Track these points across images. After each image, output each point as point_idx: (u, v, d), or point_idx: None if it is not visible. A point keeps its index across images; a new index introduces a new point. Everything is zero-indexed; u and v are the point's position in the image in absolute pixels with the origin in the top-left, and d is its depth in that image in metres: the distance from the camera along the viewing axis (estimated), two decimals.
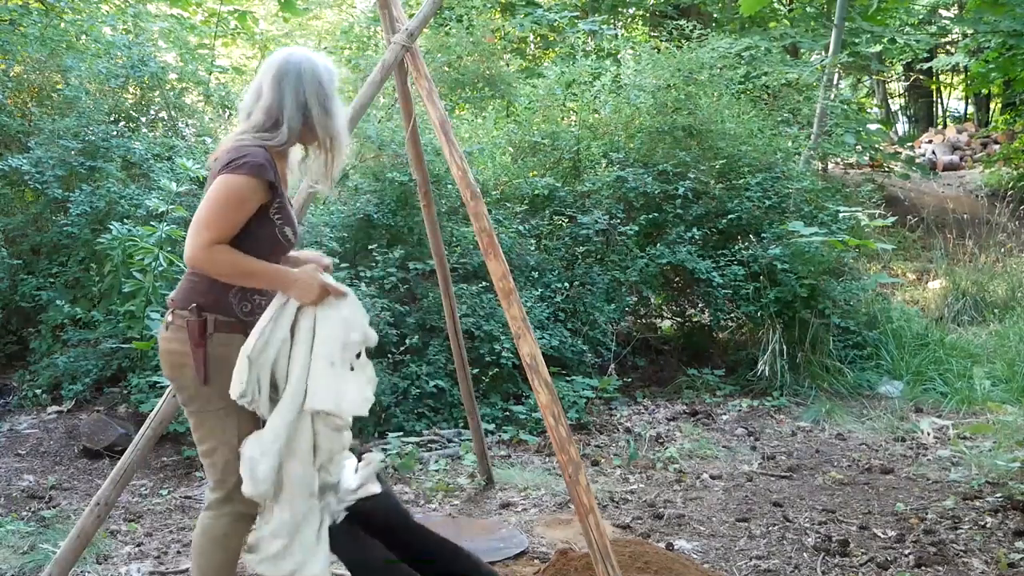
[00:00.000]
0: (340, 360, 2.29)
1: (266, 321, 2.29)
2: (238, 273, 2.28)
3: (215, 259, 2.24)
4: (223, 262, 2.25)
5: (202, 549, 2.38)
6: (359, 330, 2.34)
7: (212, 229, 2.22)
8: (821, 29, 11.69)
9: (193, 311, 2.30)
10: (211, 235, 2.22)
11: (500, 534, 3.61)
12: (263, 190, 2.28)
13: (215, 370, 2.31)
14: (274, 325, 2.29)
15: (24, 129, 6.05)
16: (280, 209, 2.35)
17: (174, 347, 2.34)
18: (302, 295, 2.31)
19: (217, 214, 2.24)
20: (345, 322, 2.32)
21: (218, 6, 7.98)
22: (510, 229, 5.91)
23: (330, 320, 2.30)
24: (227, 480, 2.34)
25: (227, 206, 2.24)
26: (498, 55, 9.04)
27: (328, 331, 2.30)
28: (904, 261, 10.24)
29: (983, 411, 5.61)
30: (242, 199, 2.25)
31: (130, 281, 4.68)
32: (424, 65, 3.25)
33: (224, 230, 2.24)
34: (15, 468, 4.45)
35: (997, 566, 3.25)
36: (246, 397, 2.28)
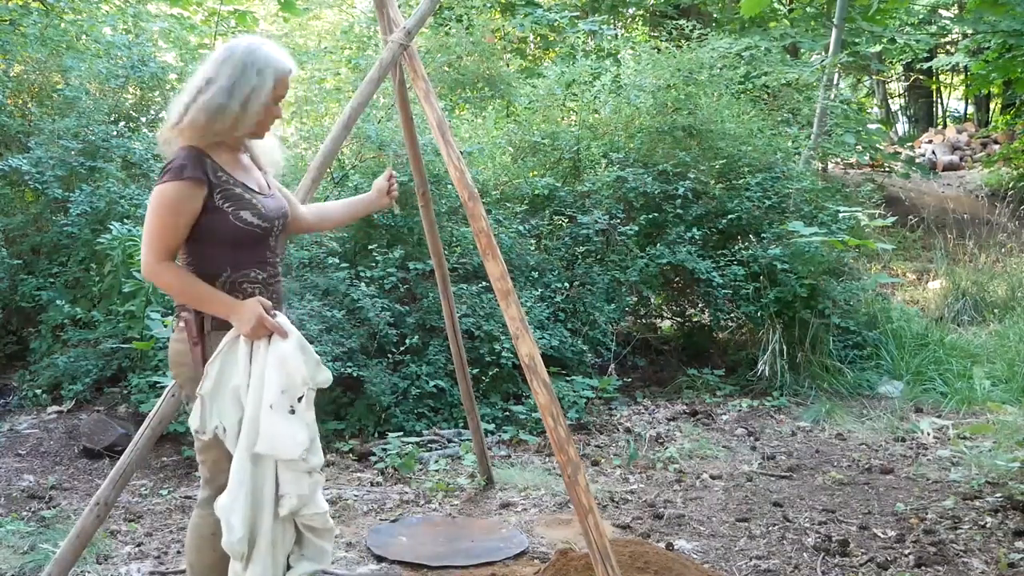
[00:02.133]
0: (278, 403, 2.24)
1: (215, 358, 2.28)
2: (180, 294, 2.28)
3: (160, 278, 2.26)
4: (167, 283, 2.27)
5: (193, 547, 2.41)
6: (301, 373, 2.28)
7: (152, 246, 2.24)
8: (821, 29, 11.69)
9: (191, 309, 2.32)
10: (153, 253, 2.23)
11: (500, 534, 3.61)
12: (192, 188, 2.23)
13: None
14: (222, 362, 2.27)
15: (24, 129, 6.05)
16: (227, 196, 2.28)
17: (177, 347, 2.38)
18: (240, 325, 2.27)
19: (153, 229, 2.24)
20: (285, 364, 2.27)
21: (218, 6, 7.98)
22: (510, 229, 5.91)
23: (272, 362, 2.27)
24: (216, 479, 2.35)
25: (160, 218, 2.23)
26: (498, 55, 9.04)
27: (268, 373, 2.26)
28: (904, 261, 10.24)
29: (983, 411, 5.61)
30: (171, 206, 2.23)
31: (130, 281, 4.68)
32: (421, 65, 3.25)
33: (165, 242, 2.24)
34: (15, 468, 4.45)
35: (997, 566, 3.25)
36: (206, 434, 2.28)
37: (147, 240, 2.25)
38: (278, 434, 2.23)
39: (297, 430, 2.25)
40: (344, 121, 3.13)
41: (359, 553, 3.45)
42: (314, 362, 2.34)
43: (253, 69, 2.29)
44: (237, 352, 2.28)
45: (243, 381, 2.26)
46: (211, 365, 2.27)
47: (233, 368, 2.27)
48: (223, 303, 2.28)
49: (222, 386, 2.27)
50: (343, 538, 3.59)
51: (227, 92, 2.26)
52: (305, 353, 2.32)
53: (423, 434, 4.93)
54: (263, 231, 2.36)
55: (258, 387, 2.26)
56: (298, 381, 2.27)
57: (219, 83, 2.27)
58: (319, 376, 2.34)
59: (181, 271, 2.27)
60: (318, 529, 2.39)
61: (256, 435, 2.25)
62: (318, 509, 2.36)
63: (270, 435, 2.23)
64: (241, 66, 2.28)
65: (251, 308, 2.26)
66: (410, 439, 4.73)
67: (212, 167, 2.29)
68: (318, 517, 2.36)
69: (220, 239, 2.29)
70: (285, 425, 2.24)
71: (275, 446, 2.24)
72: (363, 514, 3.90)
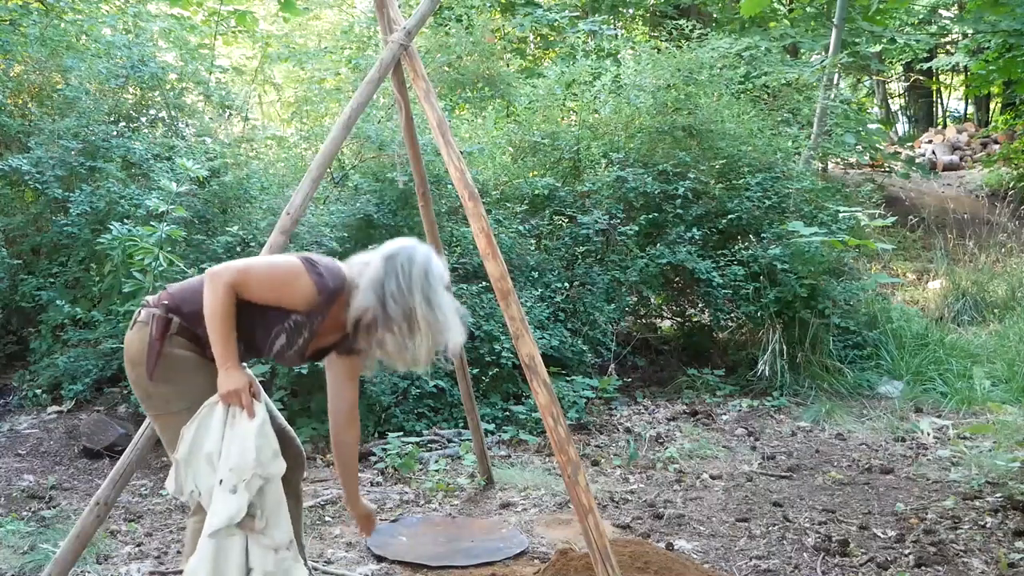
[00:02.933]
0: (227, 479, 2.27)
1: (193, 424, 2.32)
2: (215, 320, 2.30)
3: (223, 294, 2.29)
4: (221, 302, 2.29)
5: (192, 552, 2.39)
6: (252, 458, 2.28)
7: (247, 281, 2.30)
8: (821, 29, 11.68)
9: (163, 308, 2.33)
10: (243, 282, 2.30)
11: (500, 534, 3.61)
12: (308, 302, 2.33)
13: (165, 368, 2.34)
14: (198, 427, 2.31)
15: (24, 129, 6.04)
16: (296, 327, 2.37)
17: (138, 346, 2.38)
18: (222, 383, 2.31)
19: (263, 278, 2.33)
20: (242, 443, 2.29)
21: (218, 6, 7.97)
22: (510, 229, 5.91)
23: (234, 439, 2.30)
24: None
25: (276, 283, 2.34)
26: (498, 55, 9.03)
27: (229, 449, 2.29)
28: (904, 261, 10.24)
29: (983, 411, 5.61)
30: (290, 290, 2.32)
31: (130, 281, 4.68)
32: (421, 65, 3.26)
33: (252, 291, 2.32)
34: (15, 468, 4.45)
35: (997, 566, 3.25)
36: (183, 496, 2.33)
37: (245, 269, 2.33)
38: (216, 509, 2.26)
39: (224, 509, 2.26)
40: (344, 121, 3.14)
41: (359, 553, 3.45)
42: (271, 451, 2.34)
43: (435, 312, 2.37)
44: (212, 419, 2.31)
45: (216, 449, 2.30)
46: (187, 429, 2.32)
47: (207, 435, 2.31)
48: (229, 353, 2.31)
49: (197, 451, 2.31)
50: (343, 538, 3.60)
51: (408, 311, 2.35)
52: (264, 439, 2.33)
53: (423, 434, 4.93)
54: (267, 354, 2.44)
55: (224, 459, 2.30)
56: (247, 463, 2.28)
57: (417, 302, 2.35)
58: (271, 467, 2.33)
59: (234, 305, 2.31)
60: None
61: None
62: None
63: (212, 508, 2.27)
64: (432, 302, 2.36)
65: (240, 378, 2.32)
66: (410, 439, 4.73)
67: (327, 309, 2.37)
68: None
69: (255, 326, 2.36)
70: (223, 501, 2.26)
71: (211, 520, 2.26)
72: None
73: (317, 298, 2.34)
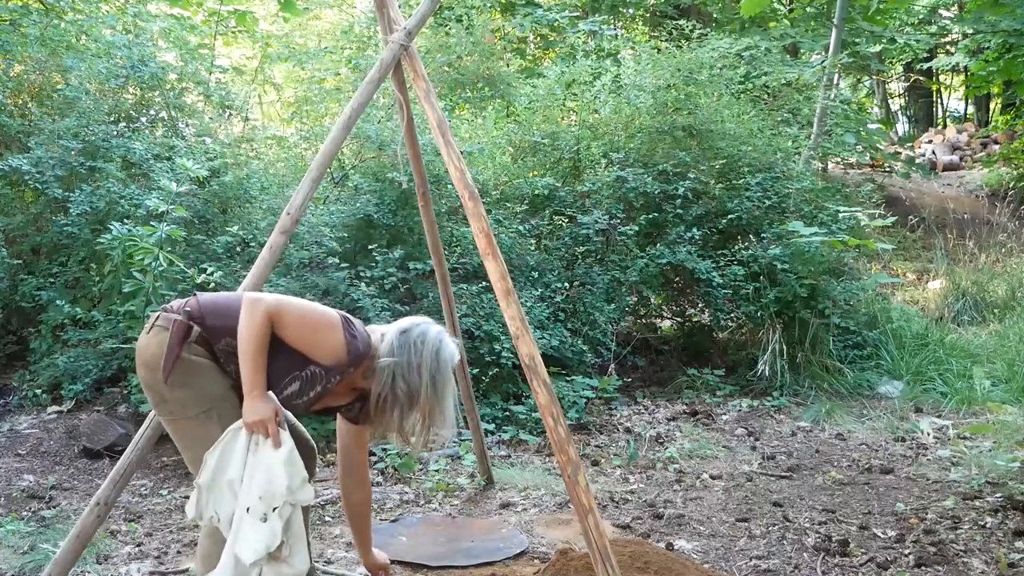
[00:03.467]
0: (254, 507, 2.27)
1: (216, 450, 2.32)
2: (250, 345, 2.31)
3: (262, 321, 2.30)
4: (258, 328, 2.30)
5: (208, 553, 2.41)
6: (283, 486, 2.30)
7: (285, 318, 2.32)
8: (821, 29, 11.69)
9: (185, 314, 2.32)
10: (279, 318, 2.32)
11: (500, 534, 3.61)
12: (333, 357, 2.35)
13: (182, 372, 2.34)
14: (221, 453, 2.32)
15: (24, 129, 6.04)
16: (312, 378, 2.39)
17: (154, 350, 2.37)
18: (247, 412, 2.32)
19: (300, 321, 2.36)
20: (269, 471, 2.30)
21: (218, 6, 7.97)
22: (510, 229, 5.91)
23: (259, 466, 2.31)
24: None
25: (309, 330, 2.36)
26: (498, 55, 9.03)
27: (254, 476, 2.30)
28: (904, 261, 10.25)
29: (983, 411, 5.61)
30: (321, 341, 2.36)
31: (130, 281, 4.68)
32: (422, 65, 3.26)
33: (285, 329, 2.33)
34: (15, 468, 4.45)
35: (997, 566, 3.25)
36: (202, 521, 2.33)
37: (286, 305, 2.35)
38: (244, 538, 2.27)
39: (260, 538, 2.27)
40: (344, 121, 3.13)
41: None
42: (300, 479, 2.36)
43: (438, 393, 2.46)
44: (236, 445, 2.32)
45: (238, 475, 2.30)
46: (210, 455, 2.32)
47: (230, 461, 2.31)
48: (258, 381, 2.33)
49: (219, 477, 2.31)
50: (343, 538, 3.59)
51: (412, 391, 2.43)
52: (292, 467, 2.34)
53: None
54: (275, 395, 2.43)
55: (247, 487, 2.30)
56: (277, 492, 2.29)
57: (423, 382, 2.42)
58: (300, 494, 2.35)
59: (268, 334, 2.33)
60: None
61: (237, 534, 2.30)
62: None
63: (239, 537, 2.27)
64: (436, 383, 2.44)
65: (267, 406, 2.33)
66: None
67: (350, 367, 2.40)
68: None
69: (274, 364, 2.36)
70: (252, 531, 2.27)
71: (240, 549, 2.27)
72: None
73: (345, 357, 2.36)
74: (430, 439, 2.49)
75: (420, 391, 2.39)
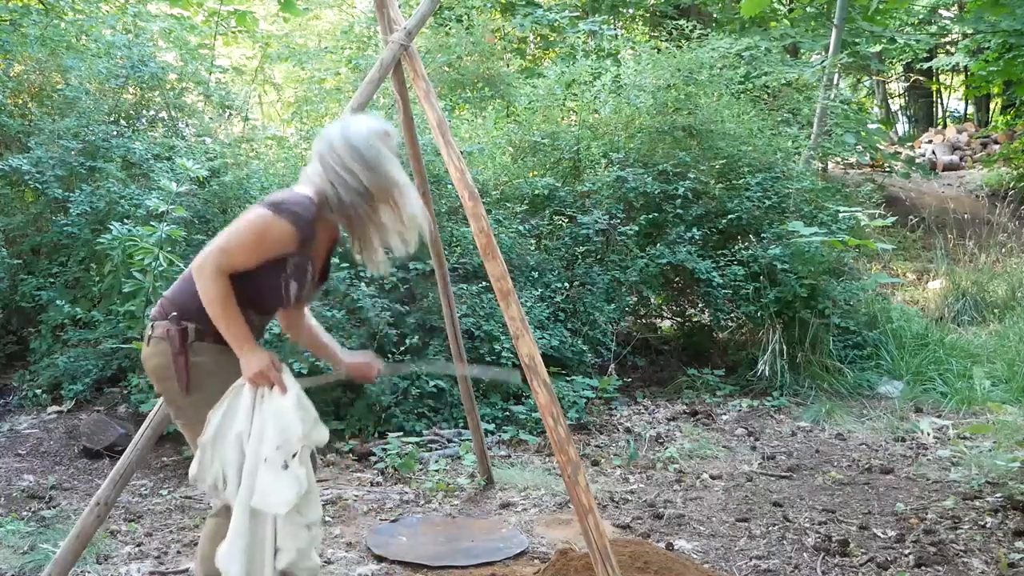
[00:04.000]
0: (272, 458, 2.26)
1: (220, 408, 2.29)
2: (215, 305, 2.28)
3: (213, 283, 2.26)
4: (215, 291, 2.26)
5: (208, 554, 2.39)
6: (298, 430, 2.29)
7: (230, 256, 2.26)
8: (821, 29, 11.69)
9: (174, 319, 2.32)
10: (227, 261, 2.26)
11: (500, 534, 3.61)
12: (293, 241, 2.29)
13: (198, 377, 2.33)
14: (224, 414, 2.29)
15: (24, 129, 6.05)
16: (297, 264, 2.34)
17: (158, 361, 2.36)
18: (245, 368, 2.29)
19: (242, 245, 2.28)
20: (281, 419, 2.28)
21: (218, 6, 7.98)
22: (510, 229, 5.91)
23: (268, 416, 2.29)
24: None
25: (255, 241, 2.28)
26: (498, 55, 9.04)
27: (266, 427, 2.28)
28: (904, 261, 10.24)
29: (983, 411, 5.61)
30: (267, 240, 2.28)
31: (130, 281, 4.68)
32: (422, 65, 3.26)
33: (240, 261, 2.28)
34: (15, 468, 4.45)
35: (997, 566, 3.25)
36: (207, 482, 2.29)
37: (222, 246, 2.27)
38: (269, 490, 2.25)
39: (287, 487, 2.26)
40: None
41: (359, 553, 3.45)
42: (312, 419, 2.35)
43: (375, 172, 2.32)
44: (240, 402, 2.30)
45: (245, 428, 2.28)
46: (213, 413, 2.29)
47: (235, 416, 2.29)
48: (242, 335, 2.29)
49: (224, 433, 2.28)
50: (343, 538, 3.59)
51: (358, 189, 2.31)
52: (303, 410, 2.33)
53: (423, 434, 4.93)
54: (286, 304, 2.42)
55: (258, 439, 2.27)
56: (293, 438, 2.28)
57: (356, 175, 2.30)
58: (315, 435, 2.34)
59: (229, 287, 2.28)
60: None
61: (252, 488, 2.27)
62: (311, 563, 2.36)
63: (262, 490, 2.25)
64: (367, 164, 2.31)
65: (261, 356, 2.29)
66: (410, 439, 4.73)
67: (310, 238, 2.33)
68: (308, 571, 2.36)
69: (258, 285, 2.33)
70: (276, 481, 2.26)
71: (266, 501, 2.26)
72: (363, 514, 3.90)
73: (299, 234, 2.28)
74: (415, 220, 2.38)
75: (363, 183, 2.29)
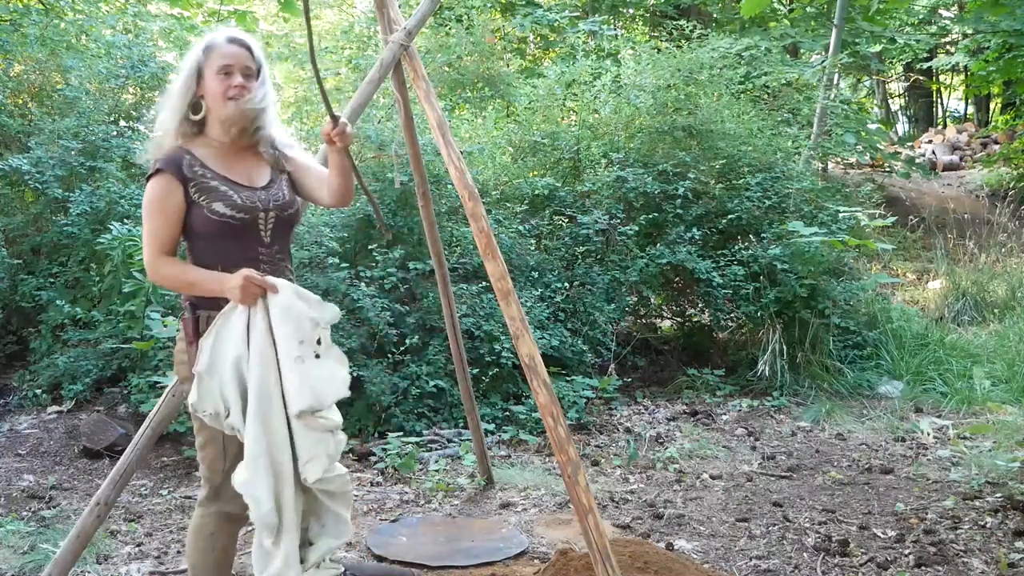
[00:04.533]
0: (300, 355, 2.20)
1: (209, 337, 2.23)
2: (180, 284, 2.30)
3: (161, 274, 2.28)
4: (166, 276, 2.29)
5: (196, 547, 2.39)
6: (309, 317, 2.23)
7: (149, 245, 2.28)
8: (821, 29, 11.69)
9: (188, 309, 2.32)
10: (150, 251, 2.27)
11: (500, 534, 3.61)
12: (170, 180, 2.26)
13: None
14: (216, 337, 2.22)
15: (24, 129, 6.05)
16: (200, 189, 2.28)
17: (178, 346, 2.41)
18: (232, 295, 2.24)
19: (145, 229, 2.29)
20: (289, 314, 2.22)
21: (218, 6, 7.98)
22: (510, 229, 5.91)
23: (277, 318, 2.22)
24: (214, 477, 2.35)
25: (149, 216, 2.28)
26: (498, 55, 9.04)
27: (278, 331, 2.21)
28: (904, 261, 10.25)
29: (983, 411, 5.61)
30: (155, 201, 2.27)
31: (130, 281, 4.68)
32: (422, 66, 3.25)
33: (159, 238, 2.27)
34: (15, 468, 4.45)
35: (997, 566, 3.25)
36: (207, 411, 2.23)
37: (145, 241, 2.30)
38: (318, 381, 2.19)
39: (334, 370, 2.22)
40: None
41: (359, 553, 3.45)
42: (316, 302, 2.28)
43: (190, 57, 2.37)
44: (231, 323, 2.22)
45: (243, 352, 2.20)
46: (204, 340, 2.22)
47: (229, 341, 2.21)
48: (215, 279, 2.26)
49: (220, 360, 2.21)
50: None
51: (175, 86, 2.37)
52: (304, 298, 2.27)
53: (423, 434, 4.93)
54: (240, 222, 2.30)
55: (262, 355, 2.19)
56: (308, 326, 2.22)
57: (172, 83, 2.40)
58: (326, 314, 2.27)
59: (176, 262, 2.29)
60: (335, 494, 2.31)
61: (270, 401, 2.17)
62: (339, 471, 2.28)
63: (310, 387, 2.18)
64: (184, 62, 2.39)
65: (235, 275, 2.23)
66: (410, 439, 4.73)
67: (189, 162, 2.30)
68: (338, 480, 2.28)
69: (202, 234, 2.30)
70: (320, 371, 2.20)
71: (320, 395, 2.19)
72: (363, 514, 3.90)
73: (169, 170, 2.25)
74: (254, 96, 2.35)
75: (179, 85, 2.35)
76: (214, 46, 2.35)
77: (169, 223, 2.27)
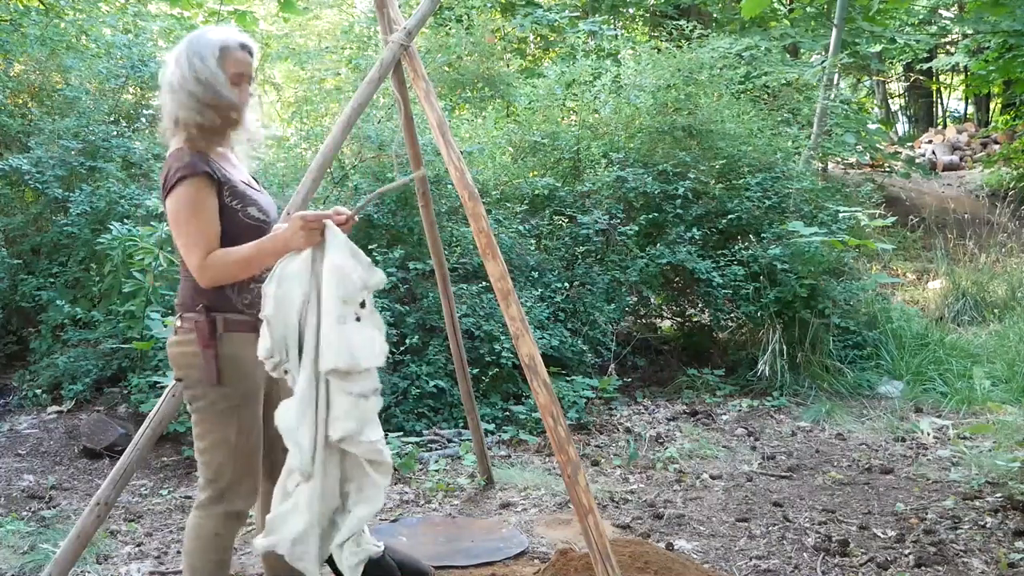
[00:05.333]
0: (342, 314, 2.17)
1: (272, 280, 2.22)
2: (238, 269, 2.26)
3: (215, 269, 2.24)
4: (220, 269, 2.25)
5: (196, 549, 2.36)
6: (355, 279, 2.21)
7: (197, 246, 2.23)
8: (821, 29, 11.70)
9: (201, 311, 2.29)
10: (200, 252, 2.23)
11: (500, 534, 3.61)
12: (209, 181, 2.25)
13: (228, 369, 2.29)
14: (279, 279, 2.21)
15: (24, 129, 6.05)
16: (233, 193, 2.30)
17: (184, 349, 2.34)
18: (298, 243, 2.22)
19: (192, 230, 2.24)
20: (337, 273, 2.20)
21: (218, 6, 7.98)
22: (510, 229, 5.91)
23: (327, 272, 2.20)
24: (220, 480, 2.33)
25: (194, 215, 2.24)
26: (498, 55, 9.04)
27: (326, 288, 2.20)
28: (904, 261, 10.25)
29: (983, 411, 5.61)
30: (200, 201, 2.24)
31: (130, 281, 4.68)
32: (421, 66, 3.25)
33: (207, 237, 2.24)
34: (15, 468, 4.46)
35: (997, 566, 3.25)
36: (274, 358, 2.21)
37: (188, 245, 2.24)
38: (354, 345, 2.16)
39: (373, 336, 2.20)
40: (344, 122, 3.13)
41: None
42: (367, 264, 2.26)
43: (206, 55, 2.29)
44: (294, 264, 2.21)
45: (309, 290, 2.20)
46: (267, 286, 2.21)
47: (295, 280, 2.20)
48: (271, 241, 2.24)
49: (287, 304, 2.19)
50: None
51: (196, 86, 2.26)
52: (357, 258, 2.24)
53: (423, 434, 4.93)
54: (268, 226, 2.36)
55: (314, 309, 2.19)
56: (355, 287, 2.20)
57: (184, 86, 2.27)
58: (374, 278, 2.25)
59: (220, 253, 2.25)
60: (376, 463, 2.28)
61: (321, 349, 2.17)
62: (374, 436, 2.24)
63: (348, 348, 2.16)
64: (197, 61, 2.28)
65: (292, 222, 2.22)
66: (410, 439, 4.73)
67: (214, 166, 2.30)
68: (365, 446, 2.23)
69: (231, 236, 2.28)
70: (358, 335, 2.18)
71: (355, 356, 2.16)
72: None
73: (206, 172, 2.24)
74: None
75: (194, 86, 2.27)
76: (228, 50, 2.32)
77: (213, 222, 2.26)
